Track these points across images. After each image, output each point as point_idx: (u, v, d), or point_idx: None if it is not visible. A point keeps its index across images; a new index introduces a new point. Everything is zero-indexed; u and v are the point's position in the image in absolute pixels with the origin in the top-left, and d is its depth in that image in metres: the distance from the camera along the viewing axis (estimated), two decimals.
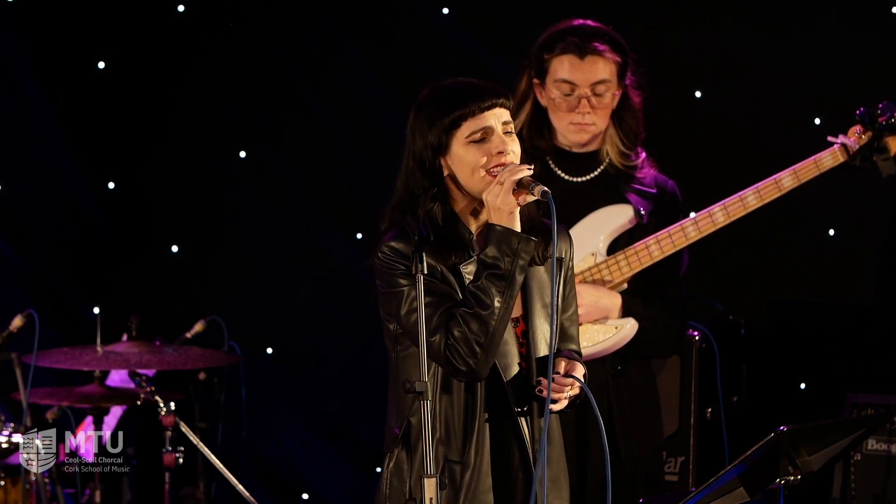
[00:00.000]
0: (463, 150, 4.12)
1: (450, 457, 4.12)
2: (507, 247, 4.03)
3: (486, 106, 4.12)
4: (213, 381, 7.28)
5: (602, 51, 5.19)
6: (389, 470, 4.19)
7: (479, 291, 4.03)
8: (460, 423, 4.12)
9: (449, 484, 4.11)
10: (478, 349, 4.02)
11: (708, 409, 6.20)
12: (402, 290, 4.11)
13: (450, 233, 4.13)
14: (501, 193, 4.02)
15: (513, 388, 4.13)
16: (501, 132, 4.12)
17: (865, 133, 5.23)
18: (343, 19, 7.79)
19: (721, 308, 7.02)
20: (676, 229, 5.21)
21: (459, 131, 4.12)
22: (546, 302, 4.20)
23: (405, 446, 4.17)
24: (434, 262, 4.11)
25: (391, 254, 4.12)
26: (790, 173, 5.23)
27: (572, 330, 4.32)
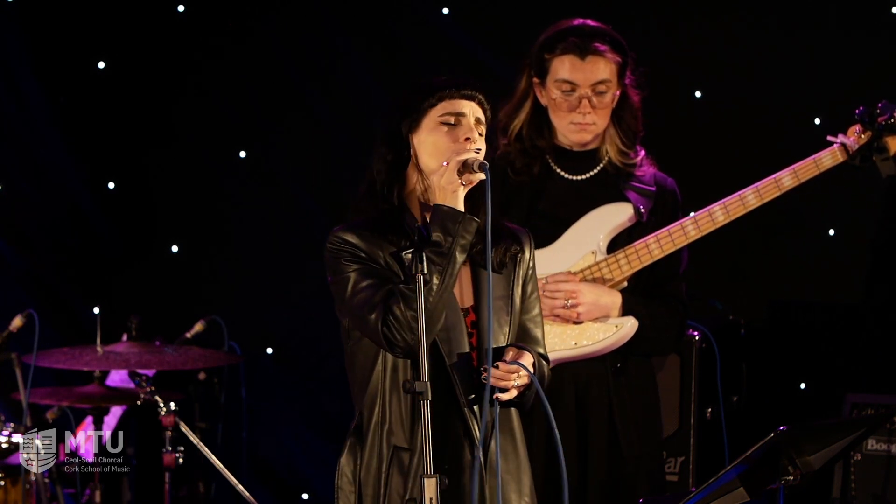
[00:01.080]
0: (432, 129, 4.17)
1: (396, 443, 4.12)
2: (450, 225, 4.04)
3: (465, 94, 4.18)
4: (213, 381, 7.28)
5: (603, 51, 5.19)
6: (341, 461, 4.22)
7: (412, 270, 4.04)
8: (407, 409, 4.13)
9: (398, 471, 4.12)
10: (415, 325, 4.02)
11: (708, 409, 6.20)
12: (347, 275, 4.13)
13: (397, 217, 4.16)
14: (447, 173, 4.06)
15: (459, 375, 4.13)
16: (473, 124, 4.16)
17: (865, 133, 5.23)
18: (343, 19, 7.79)
19: (721, 308, 7.02)
20: (676, 228, 5.21)
21: (434, 110, 4.17)
22: (500, 294, 4.21)
23: (357, 437, 4.20)
24: (376, 246, 4.13)
25: (338, 242, 4.15)
26: (790, 173, 5.23)
27: (536, 331, 4.32)
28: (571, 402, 5.19)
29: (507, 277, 4.25)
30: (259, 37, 7.84)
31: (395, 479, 4.13)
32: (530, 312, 4.32)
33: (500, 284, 4.23)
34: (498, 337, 4.19)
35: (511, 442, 4.23)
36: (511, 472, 4.21)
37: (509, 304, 4.23)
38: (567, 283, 5.15)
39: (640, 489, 5.19)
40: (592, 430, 5.18)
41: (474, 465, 4.11)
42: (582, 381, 5.21)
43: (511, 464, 4.21)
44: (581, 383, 5.21)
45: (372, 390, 4.16)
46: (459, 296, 4.19)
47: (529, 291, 4.32)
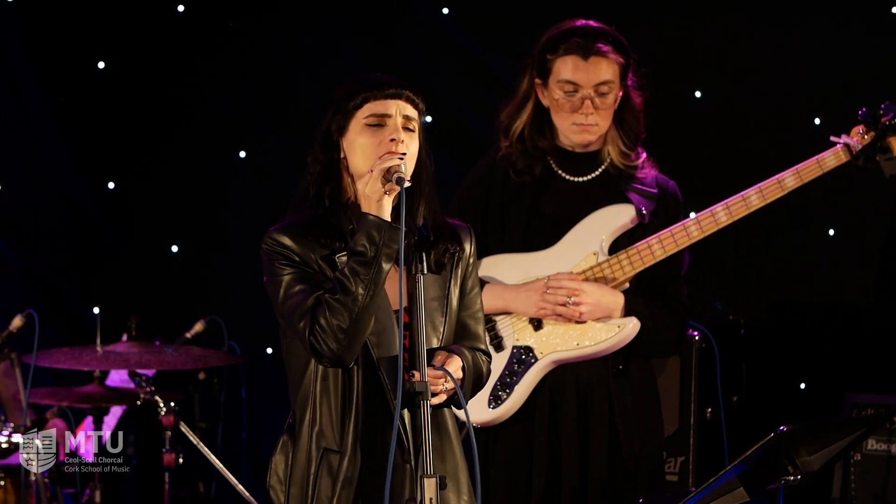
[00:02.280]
0: (358, 132, 4.14)
1: (326, 445, 4.11)
2: (374, 234, 4.02)
3: (389, 93, 4.13)
4: (213, 381, 7.28)
5: (606, 52, 5.18)
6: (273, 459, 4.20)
7: (344, 278, 4.02)
8: (337, 412, 4.12)
9: (327, 473, 4.11)
10: (341, 336, 4.01)
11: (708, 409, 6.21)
12: (280, 279, 4.11)
13: (332, 220, 4.14)
14: (370, 181, 4.04)
15: (390, 378, 4.10)
16: (400, 124, 4.12)
17: (868, 133, 5.23)
18: (343, 19, 7.80)
19: (721, 308, 7.02)
20: (679, 228, 5.21)
21: (360, 112, 4.13)
22: (436, 294, 4.19)
23: (290, 436, 4.18)
24: (309, 249, 4.12)
25: (273, 244, 4.13)
26: (793, 173, 5.23)
27: (476, 328, 4.30)
28: (573, 403, 5.19)
29: (443, 278, 4.21)
30: (259, 37, 7.84)
31: (324, 481, 4.11)
32: (470, 309, 4.29)
33: (436, 285, 4.20)
34: (431, 339, 4.16)
35: (447, 442, 4.21)
36: (449, 472, 4.18)
37: (445, 305, 4.20)
38: (570, 282, 5.14)
39: (641, 489, 5.19)
40: (593, 431, 5.18)
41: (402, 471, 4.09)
42: (583, 382, 5.20)
43: (448, 464, 4.19)
44: (582, 384, 5.20)
45: (304, 391, 4.14)
46: (393, 298, 4.15)
47: (469, 288, 4.29)
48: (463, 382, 4.13)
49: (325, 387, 4.13)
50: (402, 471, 4.11)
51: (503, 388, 5.19)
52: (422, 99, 4.18)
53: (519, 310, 5.20)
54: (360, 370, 4.11)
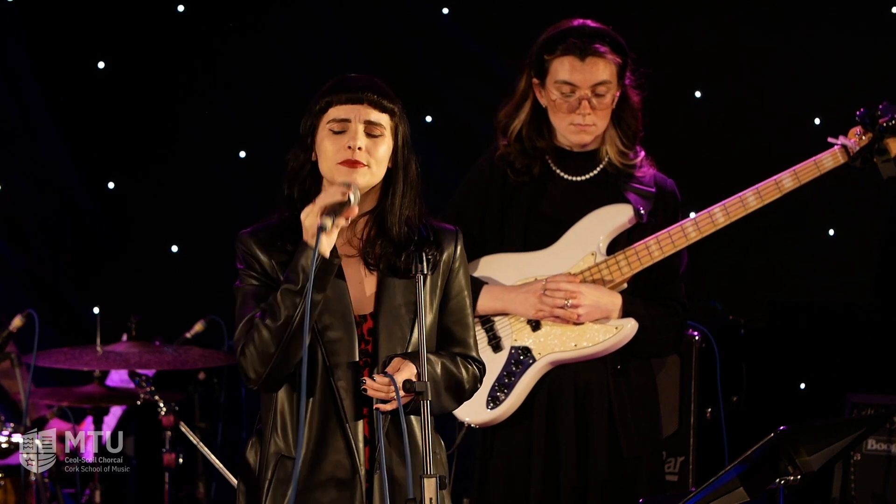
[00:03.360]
0: (323, 136, 4.11)
1: (282, 451, 4.10)
2: (304, 265, 3.98)
3: (351, 97, 4.09)
4: (213, 381, 7.28)
5: (603, 52, 5.18)
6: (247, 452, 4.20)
7: (274, 304, 4.00)
8: (292, 419, 4.10)
9: (281, 480, 4.08)
10: (265, 361, 4.01)
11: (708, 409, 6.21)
12: (239, 289, 4.13)
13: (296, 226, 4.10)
14: (311, 214, 4.00)
15: (345, 386, 4.07)
16: (361, 129, 4.08)
17: (866, 134, 5.22)
18: (343, 19, 7.80)
19: (721, 308, 7.02)
20: (676, 229, 5.20)
21: (325, 116, 4.11)
22: (404, 300, 4.14)
23: (258, 438, 4.18)
24: (272, 256, 4.11)
25: (241, 248, 4.15)
26: (790, 174, 5.22)
27: (463, 334, 4.24)
28: (571, 404, 5.19)
29: (414, 283, 4.14)
30: (259, 37, 7.84)
31: (278, 487, 4.09)
32: (455, 314, 4.23)
33: (406, 290, 4.14)
34: (397, 347, 4.11)
35: (414, 448, 4.13)
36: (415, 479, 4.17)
37: (413, 311, 4.14)
38: (568, 284, 5.14)
39: (641, 490, 5.19)
40: (592, 432, 5.17)
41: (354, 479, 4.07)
42: (582, 383, 5.20)
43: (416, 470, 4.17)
44: (581, 385, 5.20)
45: (267, 396, 4.14)
46: (358, 302, 4.12)
47: (454, 293, 4.24)
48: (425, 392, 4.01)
49: (287, 394, 4.11)
50: (351, 481, 4.09)
51: (501, 389, 5.19)
52: (391, 101, 4.13)
53: (517, 311, 5.20)
54: (318, 379, 4.08)
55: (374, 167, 4.10)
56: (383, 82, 4.19)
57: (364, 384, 4.03)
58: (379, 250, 4.13)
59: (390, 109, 4.13)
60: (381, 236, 4.14)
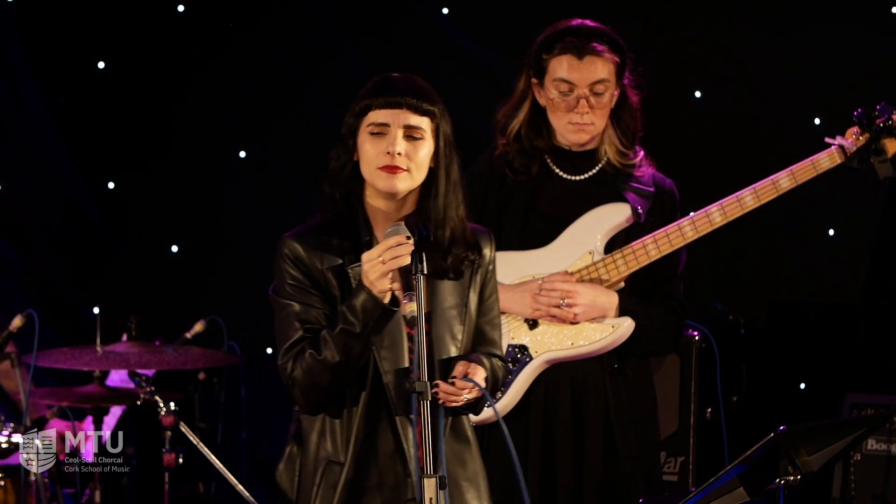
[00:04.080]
0: (364, 138, 4.10)
1: (329, 457, 4.09)
2: (368, 315, 3.96)
3: (390, 101, 4.07)
4: (213, 381, 7.28)
5: (601, 51, 5.18)
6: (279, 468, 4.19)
7: (330, 340, 3.98)
8: (342, 423, 4.09)
9: (328, 485, 4.08)
10: (318, 392, 4.01)
11: (708, 409, 6.20)
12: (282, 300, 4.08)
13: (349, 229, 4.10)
14: (378, 273, 3.95)
15: (396, 391, 4.07)
16: (401, 135, 4.06)
17: (863, 135, 5.22)
18: (343, 19, 7.80)
19: (721, 308, 7.02)
20: (674, 229, 5.20)
21: (366, 118, 4.09)
22: (454, 303, 4.15)
23: (298, 444, 4.17)
24: (318, 260, 4.08)
25: (285, 253, 4.09)
26: (787, 174, 5.22)
27: (493, 333, 4.27)
28: (567, 403, 5.18)
29: (462, 285, 4.18)
30: (259, 37, 7.84)
31: (325, 492, 4.08)
32: (487, 315, 4.26)
33: (455, 293, 4.16)
34: (450, 348, 4.14)
35: (467, 448, 4.19)
36: (470, 479, 4.17)
37: (464, 313, 4.17)
38: (564, 283, 5.14)
39: (637, 489, 5.19)
40: (589, 431, 5.17)
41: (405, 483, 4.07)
42: (578, 382, 5.20)
43: (469, 469, 4.18)
44: (577, 384, 5.20)
45: None
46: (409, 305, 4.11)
47: (488, 294, 4.26)
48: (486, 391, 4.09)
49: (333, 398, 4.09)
50: (403, 485, 4.09)
51: None
52: (431, 103, 4.11)
53: (513, 310, 5.20)
54: (368, 385, 4.07)
55: (415, 171, 4.09)
56: (424, 82, 4.18)
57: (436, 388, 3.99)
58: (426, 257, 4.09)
59: (430, 112, 4.11)
60: None
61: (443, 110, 4.15)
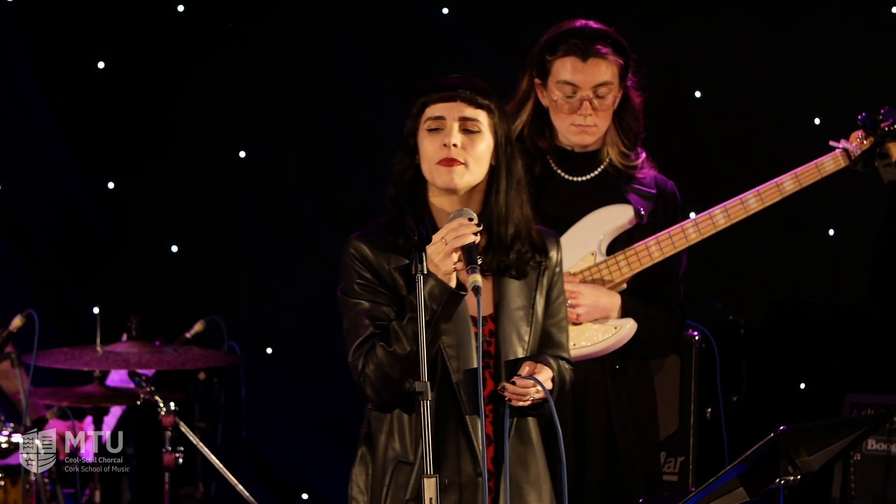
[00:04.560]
0: (422, 137, 4.14)
1: (399, 457, 4.11)
2: (436, 299, 3.98)
3: (444, 96, 4.11)
4: (212, 381, 7.28)
5: (605, 53, 5.18)
6: (353, 471, 4.21)
7: (400, 331, 4.01)
8: (410, 424, 4.11)
9: (398, 485, 4.09)
10: (388, 385, 4.02)
11: (708, 409, 6.20)
12: (350, 300, 4.11)
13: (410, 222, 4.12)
14: (442, 254, 3.99)
15: (466, 390, 4.10)
16: (457, 127, 4.10)
17: (867, 138, 5.23)
18: (343, 19, 7.80)
19: (721, 308, 7.02)
20: (677, 230, 5.21)
21: (422, 116, 4.13)
22: (521, 304, 4.17)
23: (368, 447, 4.19)
24: (385, 260, 4.10)
25: (352, 254, 4.12)
26: (791, 177, 5.23)
27: (560, 336, 4.30)
28: (569, 403, 5.18)
29: (528, 286, 4.21)
30: (259, 37, 7.84)
31: (396, 492, 4.10)
32: (555, 317, 4.28)
33: (521, 294, 4.19)
34: (517, 349, 4.16)
35: (530, 451, 4.20)
36: (531, 481, 4.19)
37: (530, 315, 4.19)
38: (566, 284, 5.14)
39: (637, 490, 5.19)
40: (590, 431, 5.17)
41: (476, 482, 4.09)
42: (580, 383, 5.19)
43: (531, 472, 4.19)
44: (579, 384, 5.18)
45: None
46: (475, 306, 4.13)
47: (555, 296, 4.28)
48: (552, 392, 4.13)
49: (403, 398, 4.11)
50: (474, 483, 4.11)
51: None
52: (485, 97, 4.13)
53: None
54: (436, 384, 4.08)
55: (473, 165, 4.11)
56: (481, 80, 4.21)
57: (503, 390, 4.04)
58: (490, 256, 4.15)
59: (486, 105, 4.13)
60: (491, 241, 4.15)
61: (500, 107, 4.18)
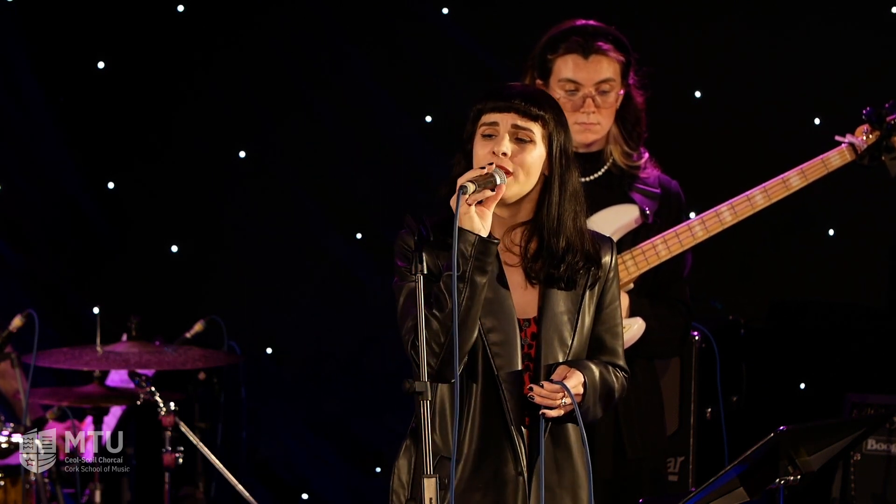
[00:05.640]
0: (476, 141, 4.18)
1: (441, 453, 4.11)
2: (464, 248, 4.02)
3: (499, 105, 4.14)
4: (212, 381, 7.28)
5: (606, 50, 5.18)
6: (397, 463, 4.23)
7: (440, 293, 4.03)
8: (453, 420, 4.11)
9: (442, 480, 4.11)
10: (437, 350, 4.02)
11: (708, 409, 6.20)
12: (402, 285, 4.14)
13: None
14: (454, 197, 4.04)
15: (509, 389, 4.12)
16: (508, 136, 4.13)
17: (873, 132, 5.23)
18: (343, 19, 7.79)
19: (721, 308, 7.02)
20: (684, 229, 5.20)
21: (479, 122, 4.17)
22: (567, 308, 4.19)
23: (413, 440, 4.21)
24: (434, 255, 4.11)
25: (401, 245, 4.17)
26: (798, 173, 5.22)
27: (612, 342, 4.29)
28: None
29: (576, 292, 4.20)
30: (259, 37, 7.84)
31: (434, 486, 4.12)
32: (607, 323, 4.27)
33: (568, 298, 4.19)
34: (558, 353, 4.16)
35: (567, 456, 4.20)
36: (565, 486, 4.18)
37: (575, 320, 4.19)
38: None
39: (644, 490, 5.19)
40: (597, 431, 5.17)
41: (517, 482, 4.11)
42: None
43: (566, 477, 4.19)
44: None
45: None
46: (521, 307, 4.16)
47: (608, 302, 4.27)
48: (584, 398, 4.12)
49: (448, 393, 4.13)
50: (514, 483, 4.12)
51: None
52: (541, 108, 4.15)
53: None
54: (479, 381, 4.11)
55: (521, 175, 4.13)
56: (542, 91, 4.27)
57: (531, 391, 4.07)
58: (540, 265, 4.16)
59: (540, 116, 4.15)
60: (541, 250, 4.17)
61: (557, 119, 4.19)
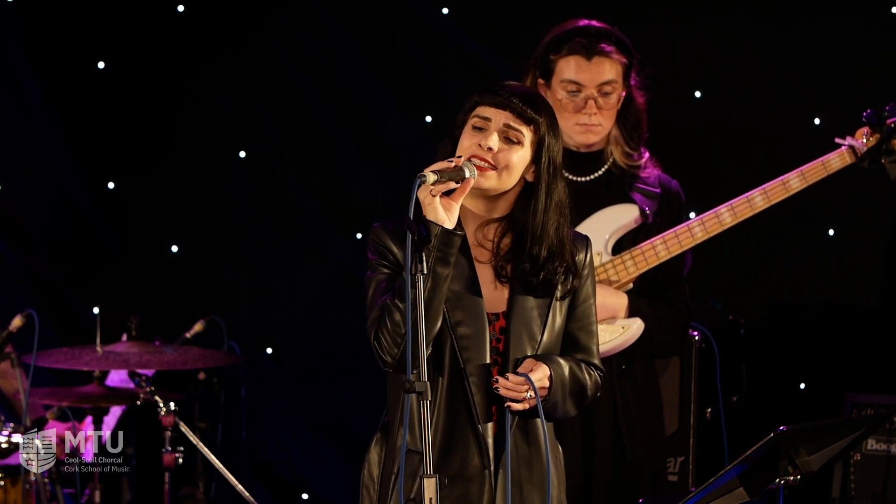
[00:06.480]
0: (465, 131, 4.17)
1: (410, 446, 4.11)
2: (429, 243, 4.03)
3: (496, 101, 4.14)
4: (212, 381, 7.28)
5: (609, 52, 5.19)
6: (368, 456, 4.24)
7: (402, 284, 4.03)
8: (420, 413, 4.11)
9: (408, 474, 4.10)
10: (398, 342, 4.03)
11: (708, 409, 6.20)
12: (371, 279, 4.16)
13: None
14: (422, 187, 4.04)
15: (476, 382, 4.12)
16: (498, 132, 4.13)
17: (873, 135, 5.23)
18: (343, 19, 7.79)
19: (721, 308, 7.02)
20: (683, 229, 5.21)
21: (472, 113, 4.17)
22: (537, 303, 4.18)
23: (384, 433, 4.22)
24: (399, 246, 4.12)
25: (373, 238, 4.17)
26: (797, 174, 5.23)
27: (586, 340, 4.28)
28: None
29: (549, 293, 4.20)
30: (259, 37, 7.84)
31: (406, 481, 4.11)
32: (581, 321, 4.27)
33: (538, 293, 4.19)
34: (526, 347, 4.16)
35: (537, 451, 4.20)
36: (535, 482, 4.19)
37: (545, 314, 4.18)
38: None
39: (644, 489, 5.19)
40: (597, 432, 5.18)
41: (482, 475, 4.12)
42: None
43: (535, 473, 4.19)
44: None
45: (396, 391, 4.16)
46: (491, 301, 4.16)
47: (581, 299, 4.27)
48: (550, 392, 4.12)
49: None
50: (479, 477, 4.13)
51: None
52: (536, 113, 4.15)
53: None
54: (446, 374, 4.12)
55: (502, 172, 4.12)
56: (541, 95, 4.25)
57: (496, 383, 4.07)
58: (511, 267, 4.16)
59: (534, 121, 4.15)
60: (516, 254, 4.17)
61: (550, 126, 4.19)
